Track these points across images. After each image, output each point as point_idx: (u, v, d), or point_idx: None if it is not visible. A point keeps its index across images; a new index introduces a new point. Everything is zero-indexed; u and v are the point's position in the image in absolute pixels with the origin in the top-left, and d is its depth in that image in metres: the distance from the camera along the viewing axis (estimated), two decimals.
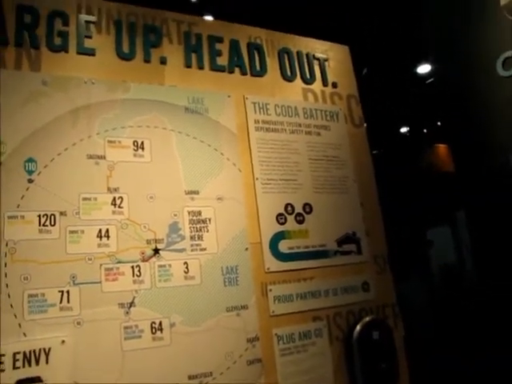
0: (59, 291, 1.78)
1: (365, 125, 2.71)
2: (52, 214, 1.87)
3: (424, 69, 6.48)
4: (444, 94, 3.12)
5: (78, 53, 2.12)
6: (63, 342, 1.74)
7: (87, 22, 2.17)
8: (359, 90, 2.81)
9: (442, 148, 6.79)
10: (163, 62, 2.27)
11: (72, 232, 1.88)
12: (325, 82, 2.68)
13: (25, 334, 1.69)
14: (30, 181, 1.87)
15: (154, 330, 1.90)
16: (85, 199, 1.94)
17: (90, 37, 2.15)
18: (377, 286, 2.44)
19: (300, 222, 2.33)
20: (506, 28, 2.56)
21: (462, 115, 2.93)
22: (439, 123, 7.03)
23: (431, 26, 3.14)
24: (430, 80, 6.18)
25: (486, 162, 2.72)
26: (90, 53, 2.13)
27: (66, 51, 2.09)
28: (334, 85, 2.70)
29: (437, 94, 3.23)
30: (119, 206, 1.99)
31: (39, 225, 1.84)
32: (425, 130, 7.04)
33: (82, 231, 1.90)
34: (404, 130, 7.10)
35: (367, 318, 2.31)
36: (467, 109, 2.88)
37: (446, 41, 2.98)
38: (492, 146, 2.71)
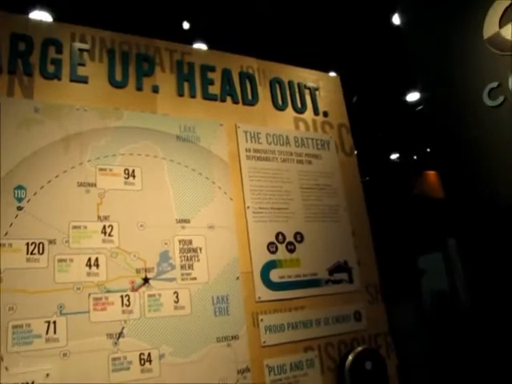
0: (45, 322, 1.74)
1: (355, 153, 2.73)
2: (41, 243, 1.84)
3: (413, 97, 6.59)
4: (432, 122, 3.16)
5: (71, 80, 2.13)
6: (48, 375, 1.69)
7: (80, 50, 2.18)
8: (349, 117, 2.84)
9: (432, 174, 6.85)
10: (155, 90, 2.28)
11: (61, 261, 1.86)
12: (316, 111, 2.71)
13: (7, 368, 1.64)
14: (20, 208, 1.85)
15: (142, 362, 1.86)
16: (75, 227, 1.92)
17: (83, 64, 2.16)
18: (369, 316, 2.42)
19: (291, 251, 2.32)
20: (490, 60, 2.62)
21: (451, 143, 2.96)
22: (428, 150, 7.11)
23: (419, 57, 3.20)
24: (419, 108, 6.27)
25: (476, 189, 2.73)
26: (83, 80, 2.14)
27: (59, 79, 2.10)
28: (325, 114, 2.72)
29: (426, 122, 3.26)
30: (109, 235, 1.97)
31: (27, 253, 1.81)
32: (415, 157, 7.12)
33: (71, 260, 1.87)
34: (394, 156, 7.17)
35: (359, 348, 2.28)
36: (455, 137, 2.91)
37: (434, 70, 3.04)
38: (481, 173, 2.74)
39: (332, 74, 3.52)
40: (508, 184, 2.53)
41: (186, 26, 5.57)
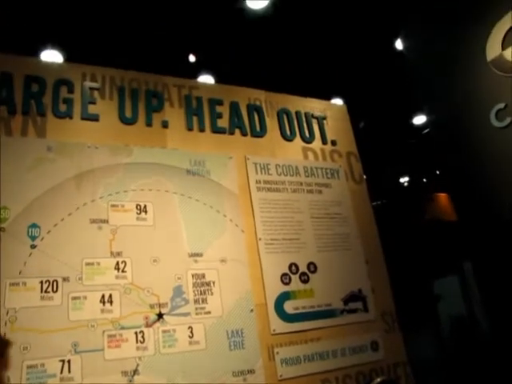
0: (60, 360, 1.74)
1: (365, 180, 2.73)
2: (54, 280, 1.85)
3: (420, 120, 6.60)
4: (440, 144, 3.15)
5: (82, 118, 2.17)
6: None
7: (91, 89, 2.23)
8: (357, 142, 2.85)
9: (443, 197, 6.81)
10: (165, 125, 2.32)
11: (75, 298, 1.86)
12: (324, 141, 2.73)
13: None
14: (33, 246, 1.87)
15: None
16: (88, 264, 1.93)
17: (93, 103, 2.21)
18: (386, 345, 2.38)
19: (305, 282, 2.31)
20: (495, 81, 2.64)
21: (460, 165, 2.95)
22: (438, 172, 7.08)
23: (424, 80, 3.21)
24: (426, 130, 6.27)
25: (487, 210, 2.71)
26: (94, 118, 2.18)
27: (71, 117, 2.14)
28: (333, 143, 2.74)
29: (433, 145, 3.25)
30: (122, 271, 1.97)
31: (41, 291, 1.82)
32: (424, 180, 7.09)
33: (85, 297, 1.88)
34: (404, 180, 7.15)
35: (378, 379, 2.24)
36: (464, 159, 2.90)
37: (439, 93, 3.05)
38: (491, 194, 2.72)
39: (339, 102, 3.55)
40: None
41: (192, 58, 5.66)
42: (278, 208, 2.39)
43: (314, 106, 2.80)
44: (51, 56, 4.96)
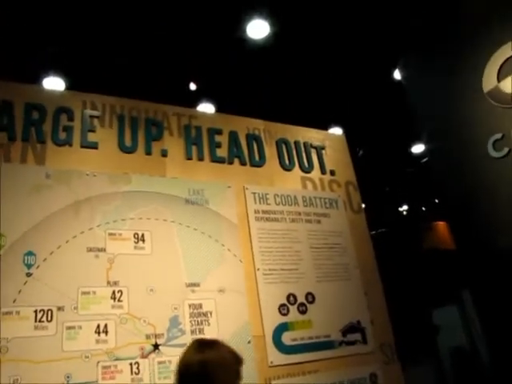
0: None
1: (363, 210, 2.73)
2: (49, 310, 1.83)
3: (418, 148, 6.63)
4: (438, 173, 3.16)
5: (82, 146, 2.18)
6: None
7: (91, 117, 2.24)
8: (355, 171, 2.86)
9: (441, 226, 6.79)
10: (164, 154, 2.33)
11: (69, 328, 1.83)
12: (323, 170, 2.74)
13: None
14: (29, 275, 1.85)
15: None
16: (84, 293, 1.91)
17: (93, 131, 2.22)
18: (385, 377, 2.34)
19: (303, 313, 2.28)
20: (492, 112, 2.66)
21: (458, 194, 2.95)
22: (436, 201, 7.08)
23: (421, 110, 3.24)
24: (425, 159, 6.30)
25: (486, 239, 2.70)
26: (93, 146, 2.19)
27: (70, 145, 2.15)
28: (332, 172, 2.75)
29: (432, 174, 3.26)
30: (119, 300, 1.95)
31: (35, 321, 1.79)
32: (423, 208, 7.09)
33: (80, 327, 1.85)
34: (403, 209, 7.14)
35: None
36: (462, 188, 2.90)
37: (437, 123, 3.07)
38: (489, 223, 2.71)
39: (338, 131, 3.56)
40: None
41: (192, 87, 5.72)
42: (276, 238, 2.38)
43: (312, 135, 2.82)
44: (53, 83, 5.02)
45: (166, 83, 5.29)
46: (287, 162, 2.64)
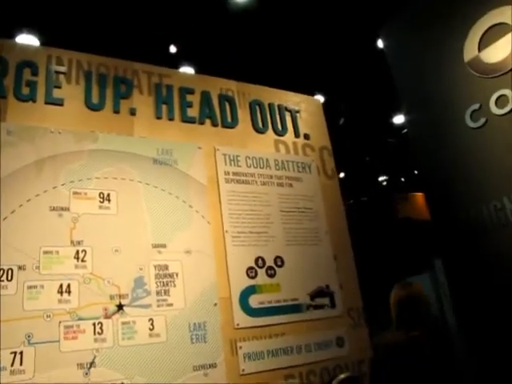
0: (11, 353, 1.67)
1: (337, 176, 2.71)
2: (9, 269, 1.78)
3: (400, 119, 6.61)
4: (416, 143, 3.15)
5: (46, 103, 2.09)
6: None
7: (57, 73, 2.15)
8: (336, 140, 2.82)
9: (418, 196, 6.84)
10: (133, 112, 2.25)
11: (30, 287, 1.79)
12: (297, 134, 2.69)
13: None
14: None
15: None
16: (46, 252, 1.86)
17: (59, 87, 2.13)
18: (352, 341, 2.36)
19: (271, 276, 2.27)
20: (471, 82, 2.63)
21: (435, 165, 2.95)
22: (416, 172, 7.12)
23: (402, 80, 3.20)
24: (405, 130, 6.29)
25: (460, 210, 2.71)
26: (59, 103, 2.11)
27: (34, 101, 2.07)
28: (306, 136, 2.71)
29: (410, 143, 3.24)
30: (82, 260, 1.91)
31: None
32: (402, 179, 7.12)
33: (42, 286, 1.81)
34: (382, 179, 7.16)
35: (342, 376, 2.21)
36: (439, 159, 2.90)
37: (417, 93, 3.04)
38: (464, 194, 2.72)
39: (320, 99, 3.52)
40: (491, 205, 2.51)
41: (172, 49, 5.59)
42: (246, 200, 2.35)
43: (287, 98, 2.76)
44: (26, 40, 4.86)
45: (146, 46, 5.16)
46: (260, 124, 2.59)
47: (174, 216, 2.16)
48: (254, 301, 2.18)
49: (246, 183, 2.39)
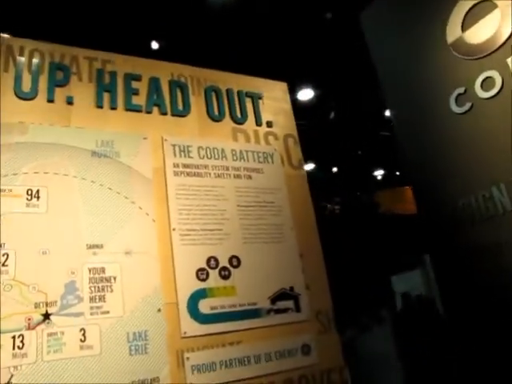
0: None
1: (304, 166, 2.47)
2: None
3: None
4: (399, 132, 2.96)
5: None
6: None
7: None
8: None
9: (401, 190, 6.59)
10: (70, 101, 2.05)
11: None
12: (258, 122, 2.46)
13: None
14: None
15: None
16: None
17: None
18: (320, 348, 2.12)
19: (225, 278, 2.04)
20: (455, 64, 2.47)
21: (418, 154, 2.76)
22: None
23: (384, 65, 3.02)
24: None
25: (448, 202, 2.53)
26: None
27: None
28: (269, 124, 2.48)
29: (393, 133, 3.04)
30: (3, 264, 1.71)
31: None
32: (397, 173, 6.87)
33: None
34: (377, 173, 6.92)
35: None
36: (424, 147, 2.72)
37: (399, 78, 2.85)
38: (452, 185, 2.54)
39: (309, 92, 3.31)
40: (478, 193, 2.33)
41: (154, 46, 5.43)
42: (198, 195, 2.12)
43: (248, 83, 2.53)
44: None
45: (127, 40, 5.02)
46: (216, 111, 2.36)
47: (114, 214, 1.95)
48: (205, 306, 1.96)
49: (198, 176, 2.17)
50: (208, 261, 2.03)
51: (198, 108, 2.33)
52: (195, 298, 1.95)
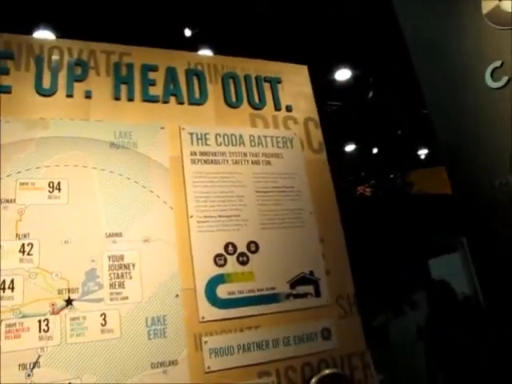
0: None
1: (325, 149, 2.43)
2: None
3: None
4: (432, 110, 2.87)
5: None
6: None
7: (4, 58, 2.04)
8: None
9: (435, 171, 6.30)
10: (88, 96, 2.11)
11: None
12: (277, 106, 2.44)
13: None
14: None
15: None
16: None
17: (5, 73, 2.02)
18: (340, 333, 2.11)
19: (243, 263, 2.07)
20: (491, 37, 2.36)
21: (452, 133, 2.67)
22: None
23: (419, 39, 2.92)
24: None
25: (483, 182, 2.44)
26: (6, 90, 1.99)
27: None
28: (288, 108, 2.45)
29: (428, 111, 2.93)
30: (28, 254, 1.80)
31: None
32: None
33: None
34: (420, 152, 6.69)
35: (326, 371, 1.99)
36: (457, 125, 2.63)
37: (432, 53, 2.76)
38: (488, 165, 2.44)
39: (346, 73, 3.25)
40: None
41: (187, 33, 5.46)
42: (215, 182, 2.15)
43: (267, 68, 2.51)
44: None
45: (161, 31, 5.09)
46: (234, 98, 2.36)
47: (132, 202, 2.00)
48: (223, 291, 1.99)
49: (216, 163, 2.19)
50: (226, 247, 2.06)
51: (215, 95, 2.34)
52: (213, 283, 1.98)
